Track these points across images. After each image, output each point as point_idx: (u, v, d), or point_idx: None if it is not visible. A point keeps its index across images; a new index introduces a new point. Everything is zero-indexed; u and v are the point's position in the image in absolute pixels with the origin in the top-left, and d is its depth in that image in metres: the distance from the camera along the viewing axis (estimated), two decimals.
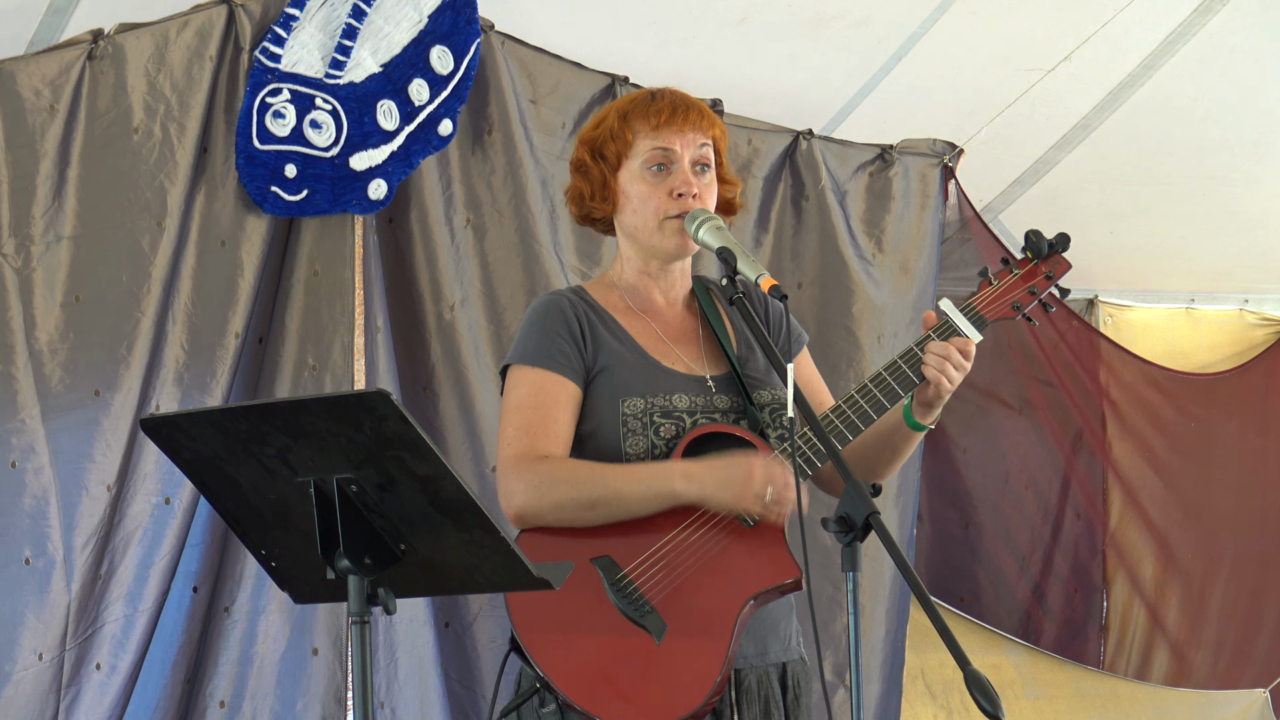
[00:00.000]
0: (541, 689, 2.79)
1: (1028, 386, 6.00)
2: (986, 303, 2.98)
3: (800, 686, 2.95)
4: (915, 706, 5.49)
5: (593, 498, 2.81)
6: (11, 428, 3.92)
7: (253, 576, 4.22)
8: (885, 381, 2.89)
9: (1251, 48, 5.20)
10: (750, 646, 2.87)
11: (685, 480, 2.80)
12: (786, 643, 2.96)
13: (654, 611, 2.78)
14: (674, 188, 2.93)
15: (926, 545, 5.85)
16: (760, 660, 2.90)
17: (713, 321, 3.01)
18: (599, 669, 2.77)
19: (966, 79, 5.18)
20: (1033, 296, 3.02)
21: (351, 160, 4.26)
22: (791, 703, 2.93)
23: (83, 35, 4.02)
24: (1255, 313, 6.55)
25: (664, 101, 2.96)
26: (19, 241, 3.94)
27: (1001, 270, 3.02)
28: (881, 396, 2.89)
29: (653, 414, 2.87)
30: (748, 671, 2.88)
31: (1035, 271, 3.02)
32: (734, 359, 2.97)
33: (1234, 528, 6.36)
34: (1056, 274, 3.04)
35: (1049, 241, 3.02)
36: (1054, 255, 3.03)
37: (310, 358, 4.31)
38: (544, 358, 2.90)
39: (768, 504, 2.78)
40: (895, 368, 2.90)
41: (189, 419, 2.35)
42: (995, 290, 3.00)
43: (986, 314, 2.97)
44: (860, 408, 2.88)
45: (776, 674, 2.92)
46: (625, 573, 2.80)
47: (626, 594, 2.79)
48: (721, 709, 2.83)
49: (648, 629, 2.77)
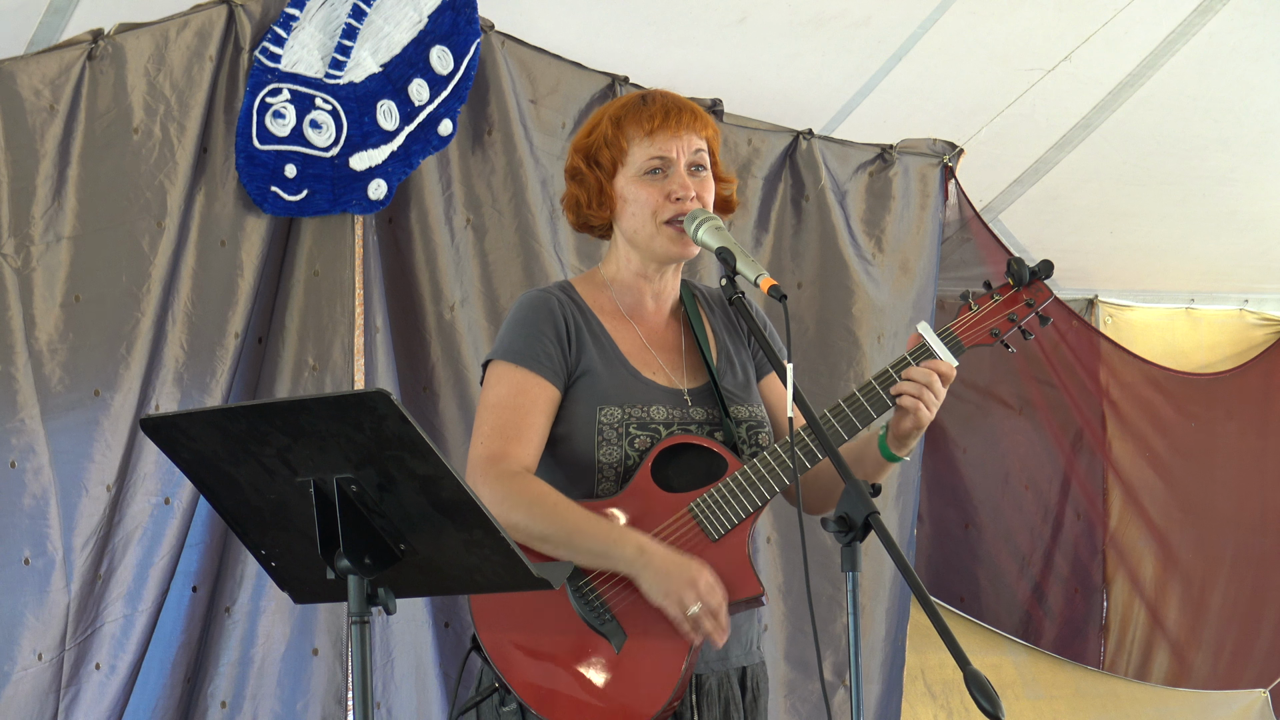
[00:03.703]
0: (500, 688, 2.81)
1: (1028, 386, 6.01)
2: (965, 328, 2.96)
3: (759, 688, 2.96)
4: (915, 706, 5.49)
5: (545, 533, 2.80)
6: (11, 427, 3.92)
7: (253, 577, 4.22)
8: (858, 401, 2.88)
9: (1251, 48, 5.20)
10: (711, 651, 2.88)
11: (638, 555, 2.78)
12: (748, 646, 2.97)
13: (614, 620, 2.80)
14: (671, 191, 2.93)
15: (926, 545, 5.85)
16: (721, 664, 2.91)
17: (696, 331, 3.01)
18: (557, 673, 2.79)
19: (966, 79, 5.18)
20: (1012, 324, 2.99)
21: (351, 160, 4.26)
22: (750, 704, 2.94)
23: (83, 35, 4.02)
24: (1255, 313, 6.56)
25: (656, 106, 2.96)
26: (19, 241, 3.94)
27: (982, 295, 2.99)
28: (854, 417, 2.88)
29: (629, 424, 2.88)
30: (708, 675, 2.89)
31: (1016, 299, 2.99)
32: (713, 371, 2.97)
33: (1234, 528, 6.36)
34: (1038, 302, 3.00)
35: (1031, 269, 2.99)
36: (1035, 283, 3.00)
37: (310, 358, 4.31)
38: (528, 357, 2.90)
39: (688, 615, 2.76)
40: (869, 388, 2.89)
41: (189, 419, 2.35)
42: (975, 316, 2.97)
43: (964, 339, 2.95)
44: (833, 428, 2.87)
45: (737, 677, 2.93)
46: (589, 579, 2.81)
47: (589, 601, 2.81)
48: (682, 711, 2.84)
49: (607, 637, 2.79)
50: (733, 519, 2.83)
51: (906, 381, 2.86)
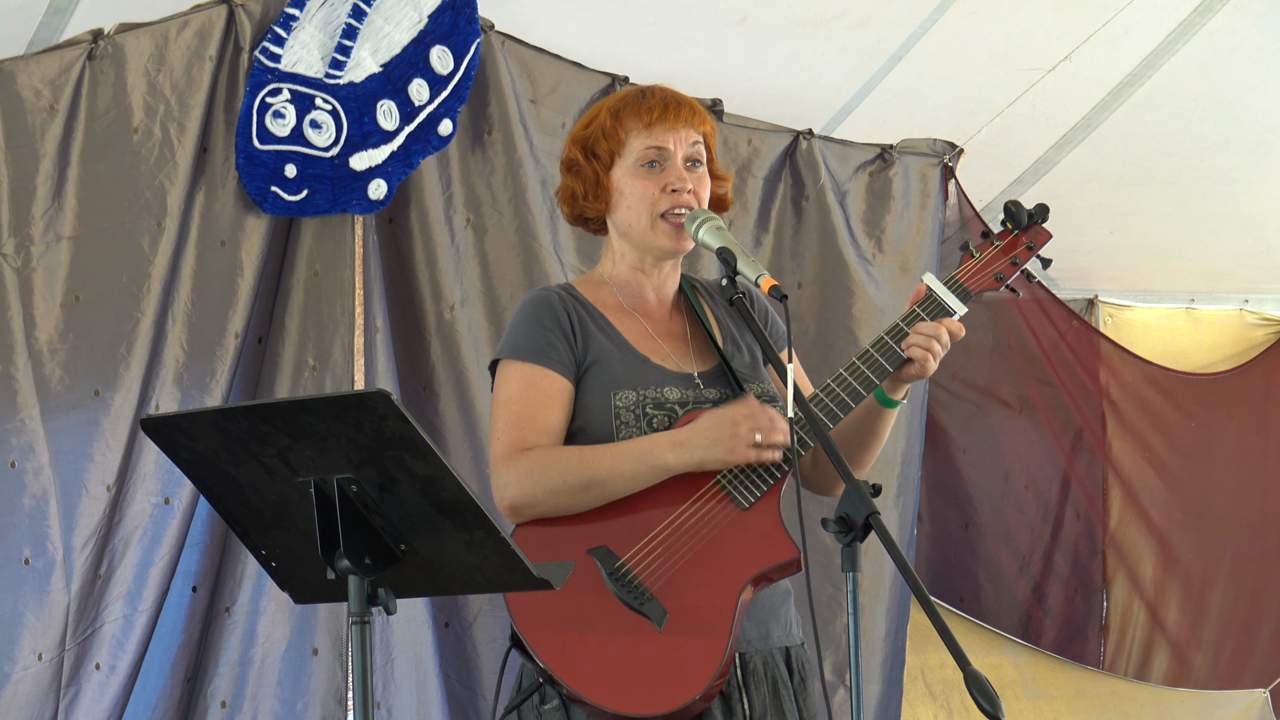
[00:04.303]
0: (543, 685, 2.80)
1: (1028, 386, 6.00)
2: (969, 275, 3.01)
3: (806, 671, 2.96)
4: (915, 706, 5.49)
5: (585, 480, 2.81)
6: (11, 427, 3.92)
7: (253, 577, 4.22)
8: (873, 358, 2.91)
9: (1251, 47, 5.20)
10: (753, 630, 2.88)
11: (675, 449, 2.81)
12: (788, 628, 2.96)
13: (654, 599, 2.78)
14: (668, 183, 2.93)
15: (926, 545, 5.85)
16: (764, 644, 2.90)
17: (701, 319, 3.02)
18: (602, 659, 2.77)
19: (966, 79, 5.17)
20: (1015, 267, 3.05)
21: (351, 160, 4.26)
22: (799, 685, 2.93)
23: (83, 35, 4.02)
24: (1255, 313, 6.56)
25: (655, 99, 2.97)
26: (19, 241, 3.94)
27: (983, 243, 3.05)
28: (870, 373, 2.90)
29: (645, 405, 2.88)
30: (752, 654, 2.88)
31: (1016, 242, 3.05)
32: (723, 353, 2.98)
33: (1234, 528, 6.36)
34: (1038, 244, 3.07)
35: (1028, 212, 3.06)
36: (1034, 226, 3.07)
37: (310, 358, 4.31)
38: (534, 352, 2.90)
39: (760, 447, 2.79)
40: (882, 344, 2.92)
41: (189, 419, 2.35)
42: (977, 263, 3.02)
43: (970, 286, 3.00)
44: (849, 385, 2.89)
45: (782, 657, 2.93)
46: (623, 561, 2.80)
47: (625, 583, 2.79)
48: (729, 692, 2.83)
49: (649, 616, 2.77)
50: (761, 486, 2.84)
51: (916, 334, 2.89)
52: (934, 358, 2.89)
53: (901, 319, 2.93)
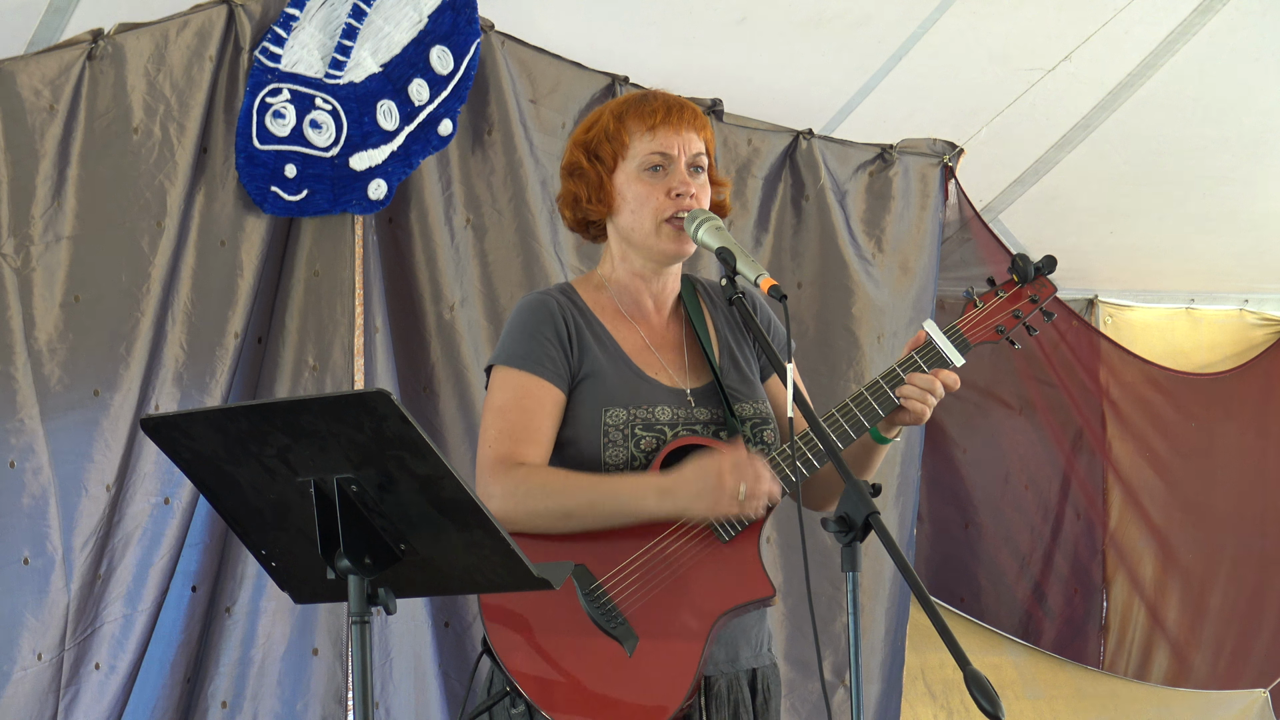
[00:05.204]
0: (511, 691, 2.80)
1: (1028, 386, 6.01)
2: (971, 325, 3.00)
3: (770, 691, 2.96)
4: (915, 706, 5.49)
5: (567, 508, 2.81)
6: (10, 427, 3.92)
7: (253, 576, 4.22)
8: (866, 402, 2.91)
9: (1251, 48, 5.20)
10: (721, 653, 2.88)
11: (660, 497, 2.80)
12: (758, 649, 2.96)
13: (626, 623, 2.79)
14: (671, 188, 2.93)
15: (926, 545, 5.85)
16: (730, 667, 2.90)
17: (698, 329, 3.01)
18: (568, 676, 2.78)
19: (966, 79, 5.17)
20: (1017, 320, 3.03)
21: (351, 160, 4.26)
22: (760, 706, 2.93)
23: (83, 35, 4.02)
24: (1255, 313, 6.56)
25: (658, 102, 2.97)
26: (18, 241, 3.94)
27: (987, 292, 3.03)
28: (862, 417, 2.90)
29: (634, 425, 2.87)
30: (718, 677, 2.88)
31: (1020, 295, 3.04)
32: (716, 369, 2.97)
33: (1234, 528, 6.36)
34: (1041, 297, 3.05)
35: (1035, 265, 3.04)
36: (1039, 279, 3.05)
37: (310, 358, 4.31)
38: (530, 361, 2.90)
39: (743, 502, 2.78)
40: (877, 388, 2.91)
41: (189, 419, 2.35)
42: (980, 313, 3.01)
43: (971, 337, 2.99)
44: (840, 427, 2.89)
45: (747, 679, 2.93)
46: (600, 583, 2.81)
47: (600, 604, 2.80)
48: (691, 713, 2.83)
49: (619, 640, 2.78)
50: (743, 521, 2.84)
51: (911, 386, 2.89)
52: (929, 408, 2.90)
53: (898, 364, 2.93)
